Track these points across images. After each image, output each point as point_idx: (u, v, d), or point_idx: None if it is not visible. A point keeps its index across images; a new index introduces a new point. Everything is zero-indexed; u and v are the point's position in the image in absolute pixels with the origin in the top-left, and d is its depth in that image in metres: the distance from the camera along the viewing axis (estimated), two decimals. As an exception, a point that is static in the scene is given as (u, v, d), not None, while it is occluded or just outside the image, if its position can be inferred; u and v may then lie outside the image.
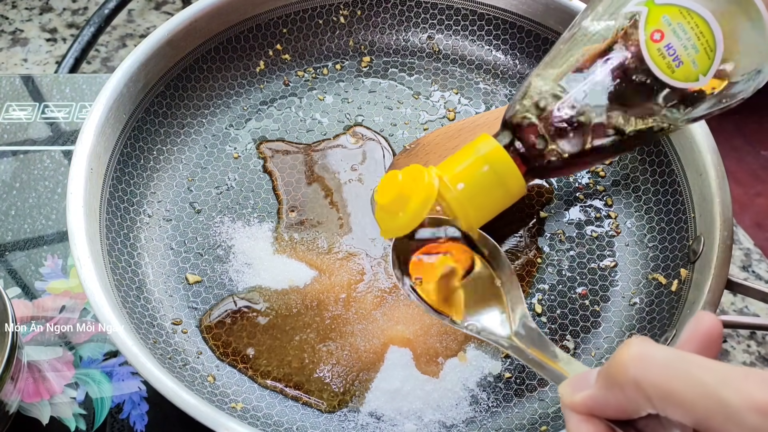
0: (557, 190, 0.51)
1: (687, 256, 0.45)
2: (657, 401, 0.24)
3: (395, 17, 0.58)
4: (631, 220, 0.49)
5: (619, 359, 0.25)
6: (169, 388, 0.36)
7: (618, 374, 0.25)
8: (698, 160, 0.45)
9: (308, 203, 0.50)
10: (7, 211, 0.52)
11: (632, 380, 0.24)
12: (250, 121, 0.54)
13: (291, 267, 0.47)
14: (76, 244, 0.41)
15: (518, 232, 0.49)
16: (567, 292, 0.47)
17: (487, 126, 0.49)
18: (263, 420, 0.41)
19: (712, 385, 0.23)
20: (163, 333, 0.43)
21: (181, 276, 0.46)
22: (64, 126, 0.57)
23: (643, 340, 0.25)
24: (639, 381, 0.24)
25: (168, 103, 0.52)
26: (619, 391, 0.25)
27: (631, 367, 0.25)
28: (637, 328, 0.45)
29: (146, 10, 0.73)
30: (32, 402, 0.44)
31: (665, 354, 0.24)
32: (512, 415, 0.42)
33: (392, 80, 0.57)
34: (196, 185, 0.51)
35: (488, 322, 0.37)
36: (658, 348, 0.25)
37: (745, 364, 0.51)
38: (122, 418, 0.44)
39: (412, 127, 0.54)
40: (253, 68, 0.56)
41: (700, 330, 0.27)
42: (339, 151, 0.53)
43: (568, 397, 0.28)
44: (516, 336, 0.35)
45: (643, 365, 0.24)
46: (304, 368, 0.43)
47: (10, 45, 0.69)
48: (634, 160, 0.51)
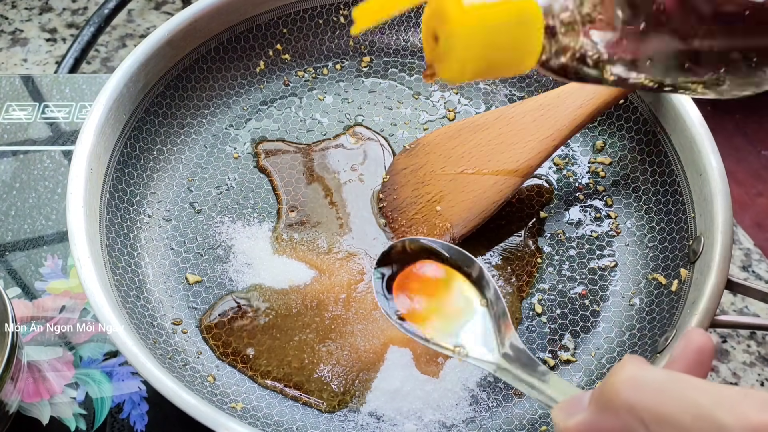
0: (557, 190, 0.51)
1: (687, 256, 0.45)
2: (652, 424, 0.23)
3: (395, 17, 0.58)
4: (631, 220, 0.49)
5: (612, 382, 0.25)
6: (169, 388, 0.36)
7: (611, 398, 0.25)
8: (698, 160, 0.45)
9: (308, 203, 0.50)
10: (7, 211, 0.52)
11: (626, 404, 0.24)
12: (250, 121, 0.54)
13: (291, 267, 0.47)
14: (76, 244, 0.41)
15: (518, 232, 0.49)
16: (567, 292, 0.47)
17: (487, 126, 0.49)
18: (263, 420, 0.41)
19: (707, 406, 0.22)
20: (163, 333, 0.43)
21: (181, 276, 0.46)
22: (64, 126, 0.57)
23: (636, 361, 0.25)
24: (633, 404, 0.24)
25: (168, 103, 0.52)
26: (612, 415, 0.25)
27: (624, 391, 0.24)
28: (637, 328, 0.45)
29: (146, 10, 0.73)
30: (32, 402, 0.44)
31: (658, 376, 0.24)
32: (512, 415, 0.42)
33: (392, 80, 0.57)
34: (196, 185, 0.51)
35: (476, 345, 0.36)
36: (650, 370, 0.25)
37: (745, 364, 0.51)
38: (122, 418, 0.44)
39: (412, 127, 0.54)
40: (253, 68, 0.56)
41: (691, 347, 0.27)
42: (339, 151, 0.53)
43: (561, 422, 0.27)
44: (505, 358, 0.35)
45: (636, 388, 0.24)
46: (304, 368, 0.43)
47: (10, 45, 0.69)
48: (634, 160, 0.51)
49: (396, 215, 0.49)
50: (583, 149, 0.53)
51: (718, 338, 0.53)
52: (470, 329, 0.37)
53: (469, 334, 0.37)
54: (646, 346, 0.43)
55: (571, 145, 0.53)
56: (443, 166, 0.49)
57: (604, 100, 0.47)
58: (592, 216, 0.50)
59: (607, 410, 0.25)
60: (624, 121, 0.52)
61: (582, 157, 0.53)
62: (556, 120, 0.47)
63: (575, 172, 0.52)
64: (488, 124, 0.49)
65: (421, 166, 0.49)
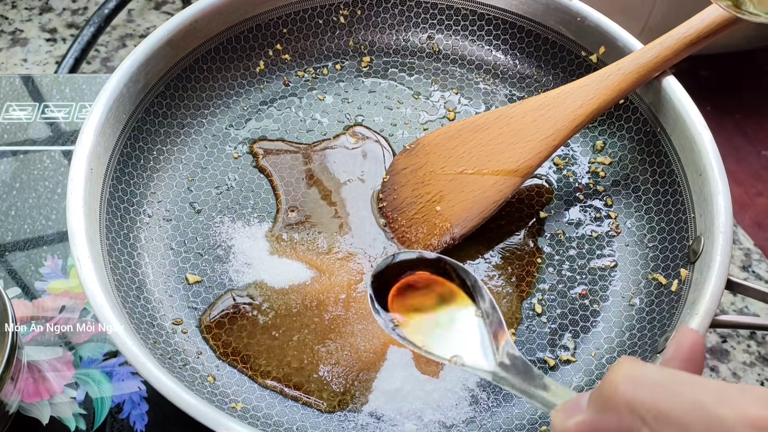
0: (557, 190, 0.51)
1: (687, 256, 0.45)
2: (652, 422, 0.24)
3: (395, 17, 0.58)
4: (631, 220, 0.49)
5: (610, 381, 0.25)
6: (169, 388, 0.36)
7: (610, 396, 0.25)
8: (698, 160, 0.45)
9: (308, 203, 0.50)
10: (7, 211, 0.52)
11: (625, 402, 0.24)
12: (250, 121, 0.54)
13: (291, 267, 0.47)
14: (76, 244, 0.41)
15: (518, 232, 0.49)
16: (567, 292, 0.47)
17: (487, 126, 0.49)
18: (263, 420, 0.41)
19: (706, 402, 0.23)
20: (163, 333, 0.43)
21: (181, 276, 0.46)
22: (64, 126, 0.57)
23: (632, 361, 0.25)
24: (632, 402, 0.24)
25: (168, 103, 0.52)
26: (612, 414, 0.25)
27: (623, 389, 0.24)
28: (637, 328, 0.45)
29: (146, 10, 0.73)
30: (32, 402, 0.44)
31: (656, 373, 0.24)
32: (512, 415, 0.42)
33: (392, 80, 0.57)
34: (196, 185, 0.51)
35: (472, 354, 0.36)
36: (648, 368, 0.25)
37: (745, 364, 0.51)
38: (122, 418, 0.44)
39: (412, 127, 0.54)
40: (253, 68, 0.56)
41: (684, 346, 0.27)
42: (339, 151, 0.53)
43: (560, 423, 0.27)
44: (501, 366, 0.35)
45: (635, 386, 0.24)
46: (303, 368, 0.43)
47: (10, 45, 0.69)
48: (634, 160, 0.51)
49: (396, 215, 0.49)
50: (583, 149, 0.53)
51: (718, 338, 0.53)
52: (466, 339, 0.37)
53: (465, 343, 0.37)
54: (646, 346, 0.43)
55: (571, 145, 0.53)
56: (443, 166, 0.49)
57: (604, 100, 0.47)
58: (592, 216, 0.50)
59: (607, 409, 0.25)
60: (624, 121, 0.52)
61: (582, 157, 0.53)
62: (556, 120, 0.47)
63: (575, 172, 0.52)
64: (488, 124, 0.49)
65: (421, 166, 0.49)
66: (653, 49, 0.46)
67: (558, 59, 0.55)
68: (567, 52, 0.54)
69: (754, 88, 1.28)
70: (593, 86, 0.47)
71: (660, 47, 0.46)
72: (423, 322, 0.39)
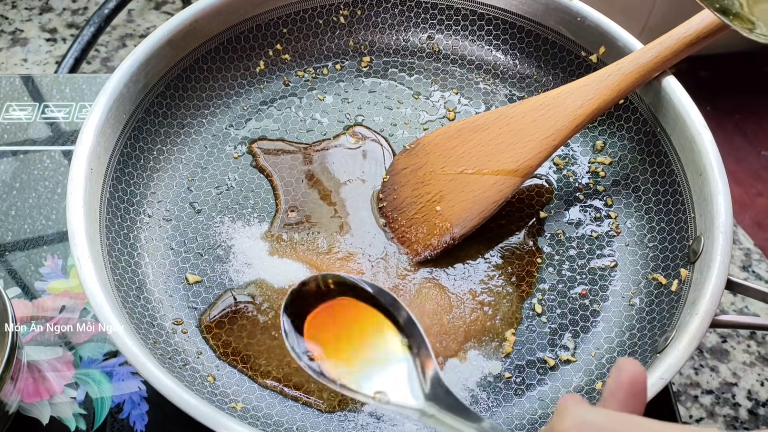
0: (557, 190, 0.51)
1: (687, 256, 0.45)
2: None
3: (395, 17, 0.58)
4: (631, 220, 0.49)
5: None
6: (169, 388, 0.36)
7: None
8: (698, 160, 0.45)
9: (308, 203, 0.50)
10: (7, 211, 0.52)
11: None
12: (250, 121, 0.54)
13: (291, 267, 0.47)
14: (76, 244, 0.41)
15: (518, 232, 0.49)
16: (567, 292, 0.47)
17: (487, 126, 0.49)
18: (263, 420, 0.41)
19: None
20: (163, 333, 0.43)
21: (181, 276, 0.46)
22: (64, 126, 0.57)
23: (576, 404, 0.25)
24: None
25: (168, 103, 0.52)
26: None
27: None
28: (637, 327, 0.45)
29: (146, 10, 0.73)
30: (32, 402, 0.44)
31: (604, 419, 0.24)
32: (512, 415, 0.42)
33: (392, 80, 0.57)
34: (196, 185, 0.51)
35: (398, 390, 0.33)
36: (594, 413, 0.25)
37: (745, 364, 0.51)
38: (122, 418, 0.44)
39: (412, 127, 0.54)
40: (253, 68, 0.56)
41: (623, 379, 0.27)
42: (339, 151, 0.53)
43: None
44: (432, 400, 0.32)
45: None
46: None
47: (10, 45, 0.69)
48: (634, 160, 0.51)
49: (396, 215, 0.49)
50: (583, 149, 0.53)
51: (718, 338, 0.53)
52: (392, 372, 0.34)
53: (390, 377, 0.34)
54: (645, 346, 0.43)
55: (571, 145, 0.53)
56: (443, 166, 0.49)
57: (604, 100, 0.47)
58: (592, 216, 0.50)
59: None
60: (624, 121, 0.52)
61: (582, 157, 0.53)
62: (556, 120, 0.47)
63: (575, 172, 0.52)
64: (488, 124, 0.49)
65: (421, 166, 0.49)
66: (653, 49, 0.47)
67: (558, 59, 0.55)
68: (567, 52, 0.54)
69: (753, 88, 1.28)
70: (593, 86, 0.47)
71: (660, 47, 0.46)
72: (343, 354, 0.35)
